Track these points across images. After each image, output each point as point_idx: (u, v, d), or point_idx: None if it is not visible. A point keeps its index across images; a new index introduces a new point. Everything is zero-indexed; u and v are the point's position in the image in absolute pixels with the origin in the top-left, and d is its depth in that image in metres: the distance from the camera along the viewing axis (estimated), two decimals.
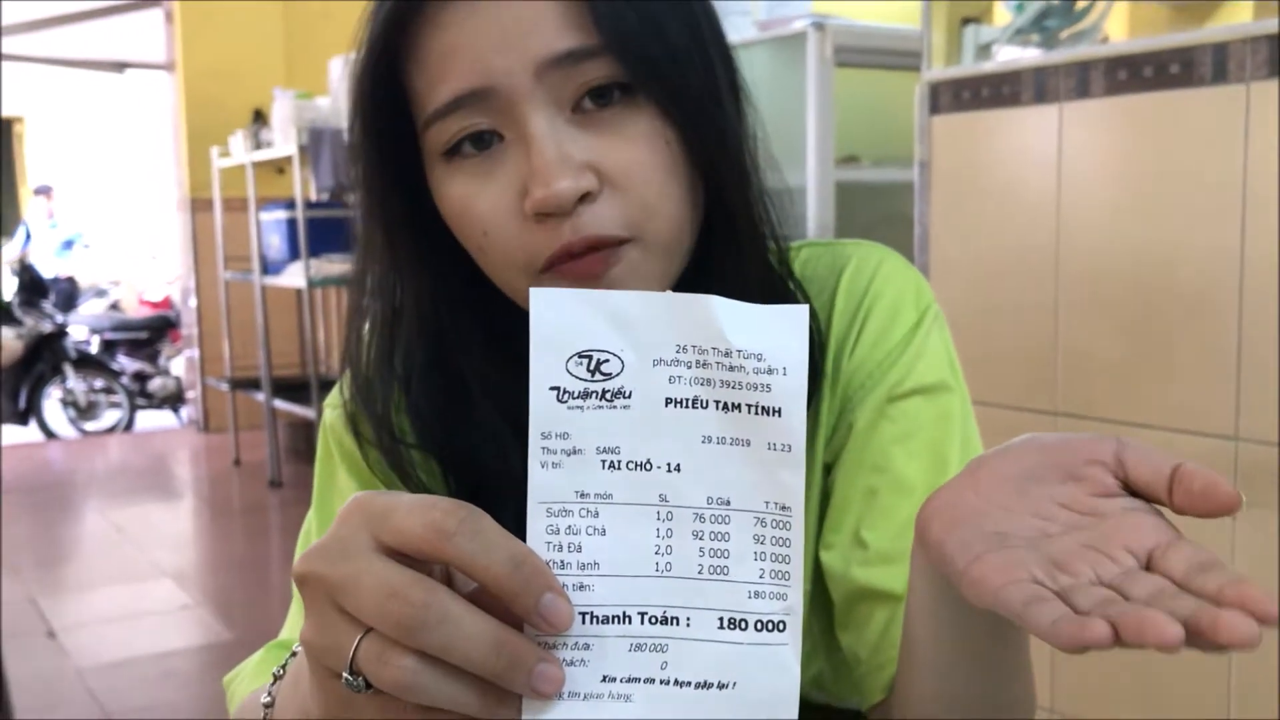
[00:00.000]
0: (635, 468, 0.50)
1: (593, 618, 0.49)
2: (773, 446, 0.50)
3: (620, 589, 0.50)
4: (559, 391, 0.49)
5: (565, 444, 0.50)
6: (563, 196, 0.67)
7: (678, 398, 0.50)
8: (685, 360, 0.50)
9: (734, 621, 0.50)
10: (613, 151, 0.69)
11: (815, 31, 2.92)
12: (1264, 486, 1.78)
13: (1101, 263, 1.99)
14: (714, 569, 0.50)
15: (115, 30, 8.29)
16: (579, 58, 0.68)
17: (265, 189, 5.87)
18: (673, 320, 0.50)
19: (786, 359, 0.50)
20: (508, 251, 0.71)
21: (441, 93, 0.69)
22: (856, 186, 3.21)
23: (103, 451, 7.00)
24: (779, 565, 0.50)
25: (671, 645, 0.50)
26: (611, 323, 0.50)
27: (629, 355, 0.50)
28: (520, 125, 0.69)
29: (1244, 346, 1.80)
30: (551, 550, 0.49)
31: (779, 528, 0.50)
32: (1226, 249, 1.81)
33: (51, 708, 3.10)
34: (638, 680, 0.50)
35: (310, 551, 0.50)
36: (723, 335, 0.49)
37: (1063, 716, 2.10)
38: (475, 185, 0.71)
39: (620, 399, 0.50)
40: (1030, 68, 2.07)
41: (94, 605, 4.03)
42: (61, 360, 7.45)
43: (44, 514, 5.35)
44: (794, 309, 0.50)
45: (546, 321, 0.49)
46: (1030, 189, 2.09)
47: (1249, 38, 1.75)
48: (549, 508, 0.50)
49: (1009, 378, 2.13)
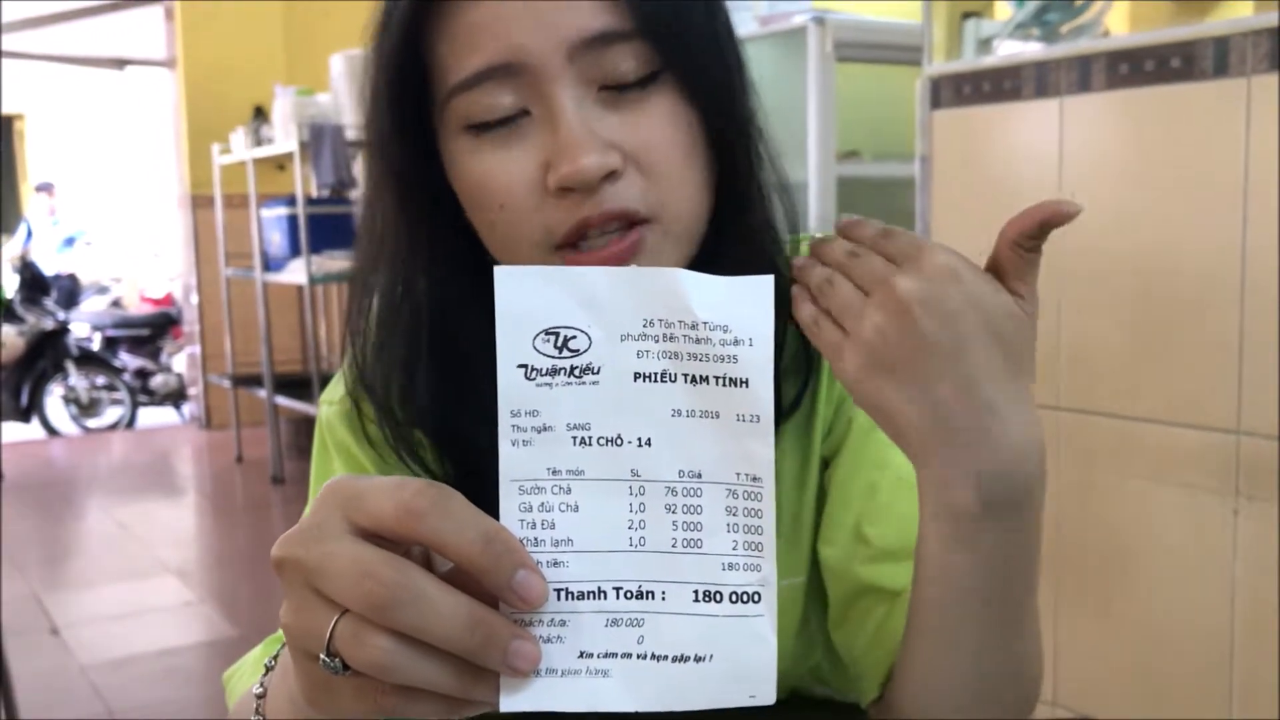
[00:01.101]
0: (606, 443, 0.50)
1: (568, 594, 0.49)
2: (741, 418, 0.50)
3: (594, 564, 0.50)
4: (527, 369, 0.49)
5: (535, 421, 0.50)
6: (590, 171, 0.67)
7: (646, 372, 0.50)
8: (652, 334, 0.50)
9: (709, 594, 0.50)
10: (638, 132, 0.70)
11: (816, 26, 2.92)
12: (1266, 480, 1.78)
13: (1103, 257, 1.99)
14: (687, 542, 0.50)
15: (116, 27, 8.28)
16: (611, 39, 0.69)
17: (266, 186, 5.87)
18: (639, 294, 0.50)
19: (753, 330, 0.50)
20: (524, 226, 0.71)
21: (469, 64, 0.69)
22: (858, 182, 3.21)
23: (105, 448, 7.00)
24: (752, 536, 0.50)
25: (647, 619, 0.50)
26: (578, 299, 0.50)
27: (596, 331, 0.50)
28: (548, 101, 0.69)
29: (1246, 340, 1.80)
30: (525, 528, 0.49)
31: (750, 499, 0.50)
32: (1228, 242, 1.81)
33: (55, 705, 3.10)
34: (615, 655, 0.50)
35: (287, 536, 0.50)
36: (689, 308, 0.49)
37: (1066, 709, 2.10)
38: (496, 158, 0.71)
39: (589, 375, 0.50)
40: (1031, 62, 2.06)
41: (97, 602, 4.04)
42: (63, 357, 7.45)
43: (46, 511, 5.35)
44: (759, 280, 0.50)
45: (511, 300, 0.49)
46: (1031, 183, 2.09)
47: (1250, 31, 1.75)
48: (520, 485, 0.49)
49: None
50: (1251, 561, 1.82)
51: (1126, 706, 2.01)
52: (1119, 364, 1.97)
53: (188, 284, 7.15)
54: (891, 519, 0.79)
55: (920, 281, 0.59)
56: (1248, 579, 1.83)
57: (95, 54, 9.53)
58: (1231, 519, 1.83)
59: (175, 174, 7.07)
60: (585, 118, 0.69)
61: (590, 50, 0.69)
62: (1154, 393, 1.92)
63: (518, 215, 0.71)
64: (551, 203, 0.70)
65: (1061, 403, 2.06)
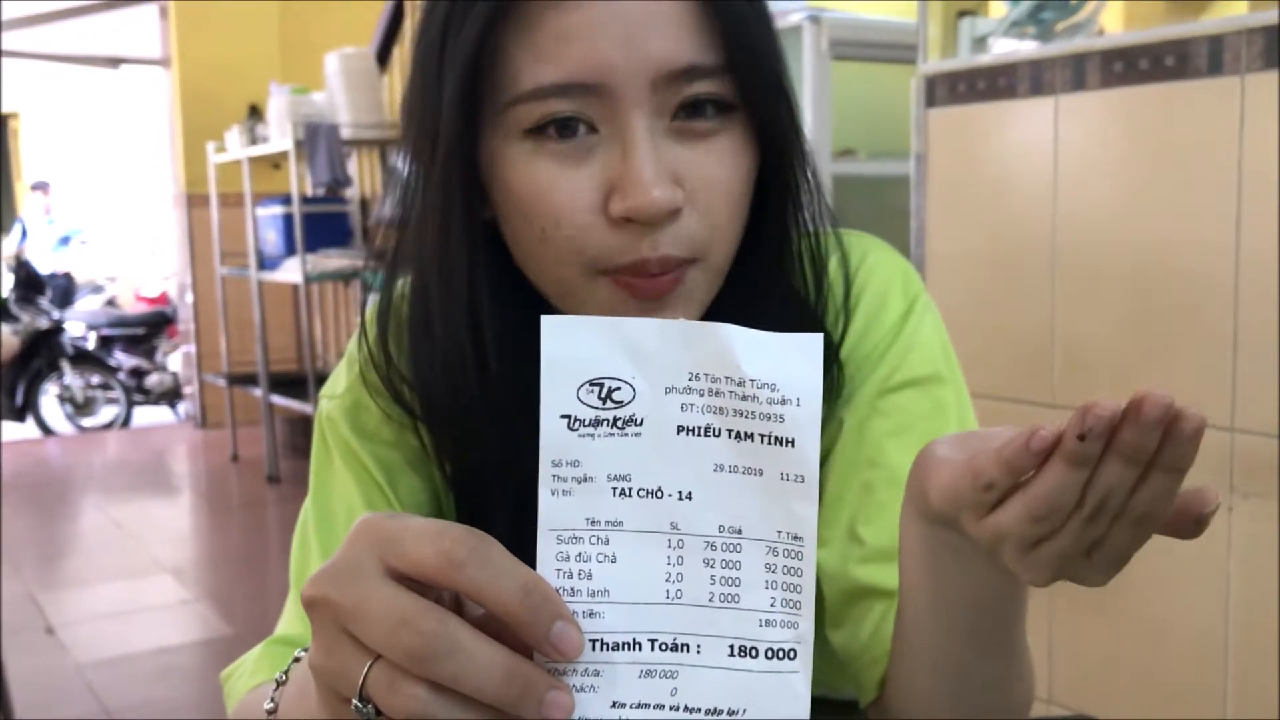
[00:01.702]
0: (646, 495, 0.49)
1: (603, 645, 0.49)
2: (785, 477, 0.49)
3: (630, 616, 0.49)
4: (570, 419, 0.49)
5: (576, 471, 0.49)
6: (656, 208, 0.66)
7: (689, 425, 0.49)
8: (698, 388, 0.49)
9: (745, 649, 0.50)
10: (700, 168, 0.69)
11: (811, 25, 2.92)
12: (1261, 477, 1.79)
13: (1098, 255, 1.99)
14: (725, 597, 0.50)
15: (110, 26, 8.27)
16: (699, 74, 0.67)
17: (261, 184, 5.87)
18: (686, 348, 0.49)
19: (800, 389, 0.49)
20: (576, 247, 0.69)
21: (547, 73, 0.67)
22: (853, 180, 3.21)
23: (100, 448, 6.99)
24: (790, 594, 0.50)
25: (681, 672, 0.50)
26: (624, 350, 0.49)
27: (640, 383, 0.49)
28: (622, 126, 0.67)
29: (1240, 337, 1.80)
30: (561, 577, 0.49)
31: (791, 557, 0.50)
32: (1222, 240, 1.81)
33: (51, 704, 3.10)
34: (647, 706, 0.49)
35: (319, 575, 0.50)
36: (736, 364, 0.49)
37: (1062, 706, 2.11)
38: (556, 172, 0.69)
39: (632, 426, 0.49)
40: (1026, 60, 2.07)
41: (93, 601, 4.03)
42: (58, 356, 7.44)
43: (42, 510, 5.35)
44: (808, 338, 0.49)
45: (558, 349, 0.49)
46: (1026, 181, 2.09)
47: (1244, 29, 1.76)
48: (559, 535, 0.49)
49: (1005, 370, 2.14)
50: (1246, 558, 1.82)
51: (1122, 703, 2.01)
52: (1114, 361, 1.98)
53: (183, 283, 7.14)
54: (886, 519, 0.78)
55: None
56: (1242, 575, 1.83)
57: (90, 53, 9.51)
58: (1226, 516, 1.83)
59: (170, 173, 7.06)
60: (657, 148, 0.67)
61: (675, 82, 0.67)
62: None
63: (573, 233, 0.69)
64: (608, 227, 0.68)
65: (1056, 400, 2.07)
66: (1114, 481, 0.47)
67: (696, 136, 0.69)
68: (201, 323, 6.90)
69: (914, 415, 0.81)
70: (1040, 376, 2.08)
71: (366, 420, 0.83)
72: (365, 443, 0.83)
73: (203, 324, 6.88)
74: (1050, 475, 0.48)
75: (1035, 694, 0.74)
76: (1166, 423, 0.46)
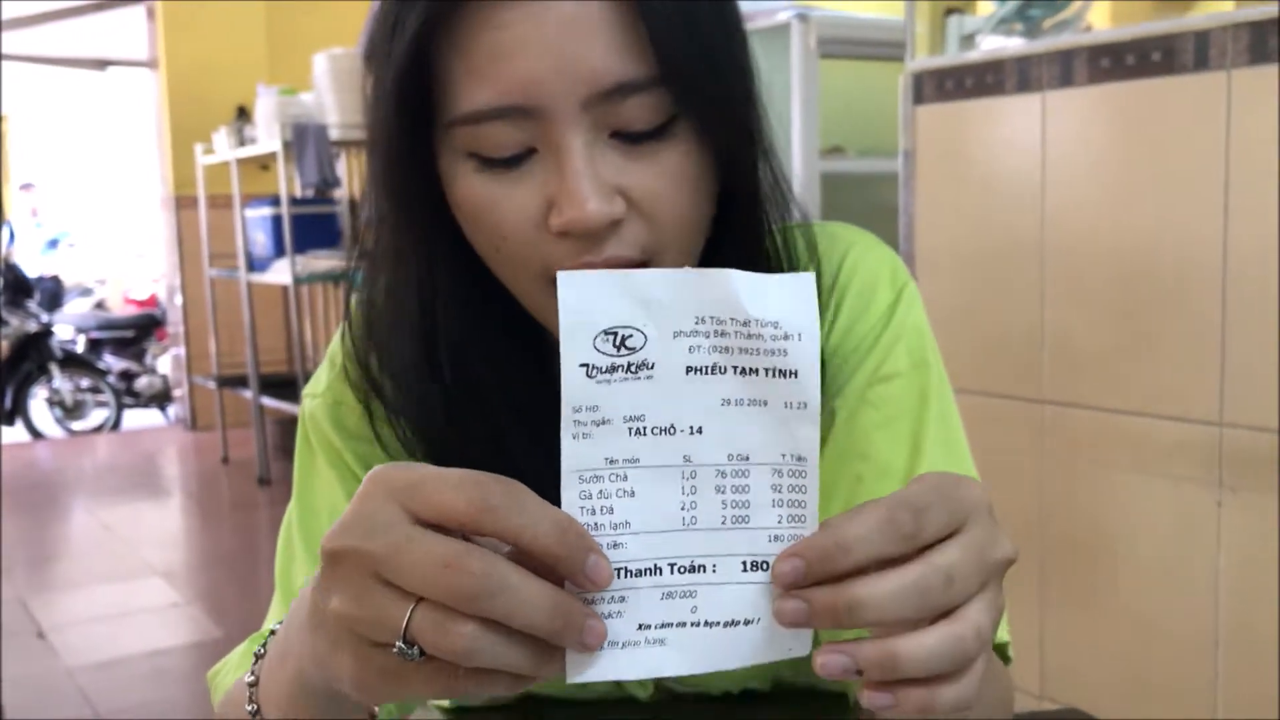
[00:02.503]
0: (659, 432, 0.53)
1: (627, 572, 0.53)
2: (789, 405, 0.53)
3: (650, 544, 0.53)
4: (588, 368, 0.52)
5: (594, 415, 0.52)
6: (592, 220, 0.67)
7: (697, 365, 0.53)
8: (704, 330, 0.53)
9: (756, 564, 0.53)
10: (646, 181, 0.69)
11: (799, 23, 2.92)
12: (1249, 471, 1.79)
13: (1086, 250, 1.99)
14: (736, 519, 0.53)
15: (97, 28, 8.25)
16: (630, 90, 0.67)
17: (250, 186, 5.86)
18: (692, 294, 0.52)
19: (800, 325, 0.53)
20: (525, 260, 0.70)
21: (481, 95, 0.67)
22: (841, 178, 3.22)
23: (90, 451, 6.98)
24: (796, 510, 0.54)
25: (700, 591, 0.53)
26: (635, 300, 0.52)
27: (651, 329, 0.52)
28: (556, 144, 0.67)
29: (1227, 332, 1.81)
30: (586, 514, 0.52)
31: (796, 477, 0.54)
32: (1209, 235, 1.82)
33: (42, 708, 3.09)
34: (670, 625, 0.53)
35: (339, 528, 0.51)
36: (741, 306, 0.52)
37: (1053, 700, 2.11)
38: (499, 191, 0.69)
39: (644, 370, 0.52)
40: (1013, 57, 2.07)
41: (83, 604, 4.02)
42: (47, 360, 7.42)
43: (32, 514, 5.33)
44: (801, 277, 0.53)
45: (574, 303, 0.52)
46: (1014, 178, 2.10)
47: (1230, 25, 1.76)
48: (580, 475, 0.52)
49: (994, 366, 2.14)
50: (1235, 552, 1.83)
51: (1113, 697, 2.02)
52: (1102, 357, 1.98)
53: (172, 285, 7.12)
54: None
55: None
56: (1231, 570, 1.84)
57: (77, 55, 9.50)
58: (1215, 510, 1.84)
59: (158, 175, 7.04)
60: (593, 160, 0.67)
61: (607, 100, 0.67)
62: (1137, 385, 1.93)
63: (518, 249, 0.70)
64: (551, 240, 0.69)
65: (1045, 396, 2.07)
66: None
67: (639, 149, 0.69)
68: (191, 325, 6.88)
69: (902, 406, 0.83)
70: (1029, 371, 2.09)
71: (348, 418, 0.83)
72: (347, 440, 0.83)
73: (192, 326, 6.87)
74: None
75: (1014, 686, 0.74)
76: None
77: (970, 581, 0.51)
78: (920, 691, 0.50)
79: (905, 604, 0.49)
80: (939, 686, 0.50)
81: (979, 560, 0.51)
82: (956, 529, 0.51)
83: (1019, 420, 2.11)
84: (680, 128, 0.69)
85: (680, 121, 0.69)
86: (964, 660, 0.50)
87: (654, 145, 0.69)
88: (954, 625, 0.50)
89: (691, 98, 0.68)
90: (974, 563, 0.51)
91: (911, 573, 0.49)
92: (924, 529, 0.50)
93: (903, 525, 0.50)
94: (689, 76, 0.68)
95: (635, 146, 0.69)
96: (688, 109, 0.69)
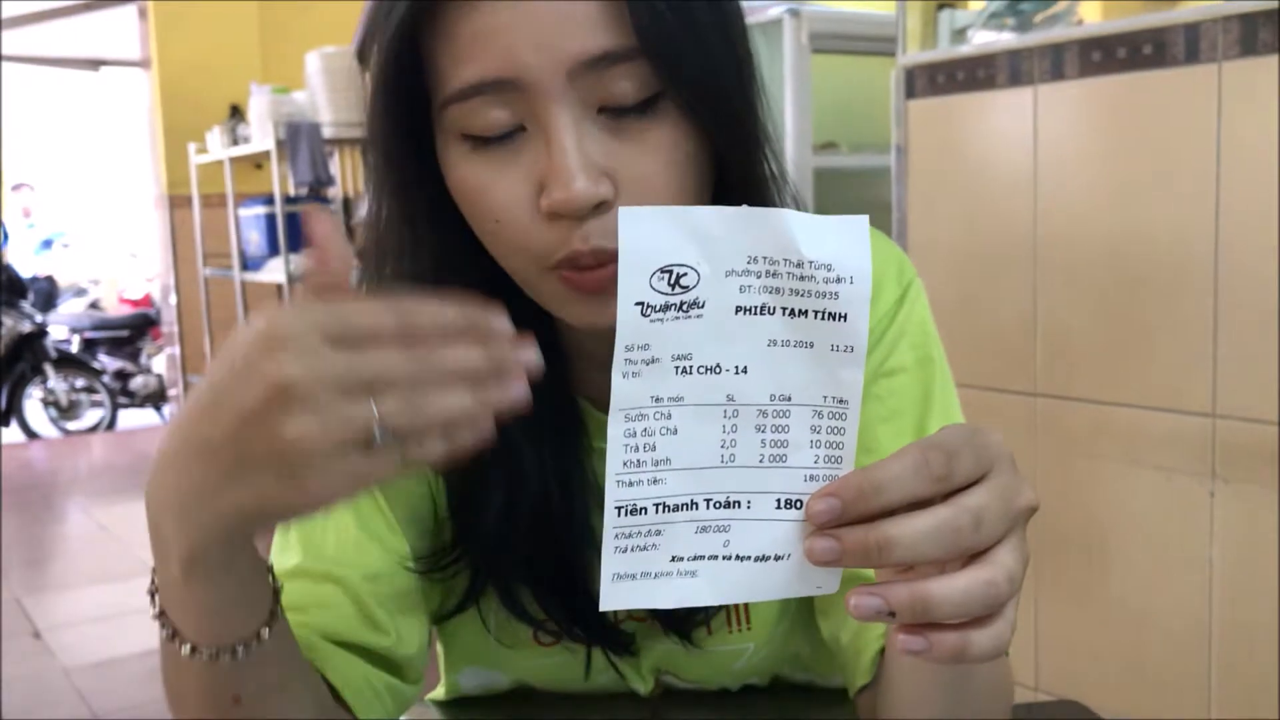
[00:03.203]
0: (705, 371, 0.53)
1: (664, 507, 0.53)
2: (835, 348, 0.53)
3: (689, 480, 0.53)
4: (643, 306, 0.52)
5: (645, 354, 0.52)
6: (579, 201, 0.67)
7: (747, 305, 0.53)
8: (756, 270, 0.52)
9: (790, 502, 0.54)
10: (633, 161, 0.69)
11: (791, 18, 2.92)
12: (1242, 462, 1.80)
13: (1078, 244, 2.00)
14: (774, 458, 0.54)
15: (90, 28, 8.24)
16: (612, 60, 0.67)
17: (243, 185, 5.85)
18: (748, 233, 0.52)
19: (854, 268, 0.53)
20: (518, 242, 0.71)
21: (466, 74, 0.68)
22: (834, 173, 3.22)
23: (85, 451, 6.97)
24: (833, 451, 0.54)
25: (734, 525, 0.54)
26: (690, 236, 0.52)
27: (704, 267, 0.52)
28: (544, 122, 0.68)
29: (1220, 324, 1.81)
30: (629, 451, 0.53)
31: (835, 418, 0.54)
32: (1201, 227, 1.82)
33: (38, 708, 3.09)
34: (702, 558, 0.54)
35: (261, 350, 0.50)
36: (796, 247, 0.52)
37: (1048, 693, 2.12)
38: (491, 173, 0.70)
39: (695, 309, 0.52)
40: (1005, 51, 2.07)
41: (79, 604, 4.02)
42: (42, 360, 7.41)
43: (27, 514, 5.33)
44: (856, 220, 0.53)
45: (633, 239, 0.52)
46: (1006, 171, 2.10)
47: (1221, 17, 1.77)
48: (627, 414, 0.53)
49: (988, 360, 2.15)
50: (1228, 543, 1.84)
51: (1107, 688, 2.03)
52: (1095, 350, 1.99)
53: (166, 285, 7.11)
54: None
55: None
56: (1224, 561, 1.84)
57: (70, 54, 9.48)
58: (1208, 501, 1.84)
59: (152, 174, 7.03)
60: (581, 141, 0.67)
61: (591, 71, 0.67)
62: (1130, 378, 1.94)
63: (512, 231, 0.70)
64: (543, 223, 0.69)
65: (1038, 389, 2.08)
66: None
67: (628, 127, 0.69)
68: (185, 324, 6.87)
69: (906, 400, 0.83)
70: (1022, 365, 2.09)
71: None
72: None
73: (187, 326, 6.86)
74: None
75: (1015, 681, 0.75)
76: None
77: (998, 525, 0.51)
78: (953, 636, 0.51)
79: (936, 543, 0.50)
80: (972, 630, 0.51)
81: (1005, 505, 0.51)
82: (983, 474, 0.52)
83: (1012, 413, 2.11)
84: (667, 106, 0.69)
85: (666, 100, 0.69)
86: (995, 603, 0.50)
87: (642, 124, 0.69)
88: (984, 568, 0.50)
89: (674, 72, 0.68)
90: (1000, 507, 0.51)
91: (942, 513, 0.50)
92: (955, 472, 0.51)
93: (935, 467, 0.50)
94: (670, 49, 0.68)
95: (623, 126, 0.69)
96: (673, 83, 0.69)
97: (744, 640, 0.88)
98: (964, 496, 0.51)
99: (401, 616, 0.81)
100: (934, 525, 0.50)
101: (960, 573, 0.50)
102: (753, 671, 0.92)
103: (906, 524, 0.50)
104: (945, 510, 0.50)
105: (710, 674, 0.91)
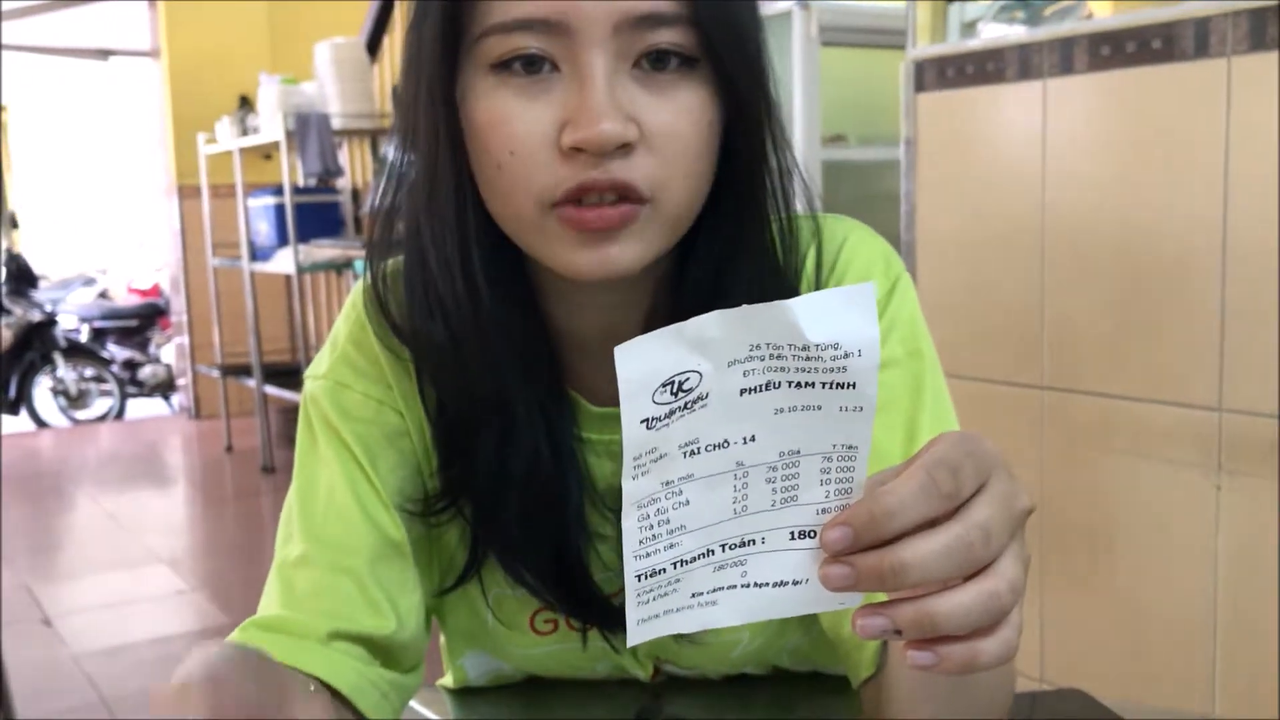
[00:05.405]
0: (713, 448, 0.53)
1: (682, 563, 0.54)
2: (844, 409, 0.52)
3: (703, 536, 0.54)
4: (648, 422, 0.52)
5: (652, 455, 0.52)
6: (606, 137, 0.68)
7: (751, 386, 0.52)
8: (758, 355, 0.51)
9: (803, 533, 0.54)
10: (661, 115, 0.71)
11: (801, 11, 2.93)
12: (1248, 456, 1.80)
13: (1086, 237, 2.00)
14: (785, 500, 0.54)
15: (99, 17, 8.25)
16: (658, 22, 0.69)
17: (252, 175, 5.86)
18: (749, 328, 0.51)
19: (860, 341, 0.51)
20: (528, 176, 0.71)
21: (514, 9, 0.69)
22: (843, 165, 3.22)
23: (94, 440, 6.99)
24: (844, 485, 0.54)
25: (750, 560, 0.55)
26: (690, 346, 0.51)
27: (706, 366, 0.51)
28: (581, 64, 0.69)
29: (1227, 318, 1.81)
30: (643, 531, 0.53)
31: (844, 460, 0.53)
32: (1209, 222, 1.82)
33: (49, 694, 3.11)
34: (721, 589, 0.55)
35: None
36: (800, 333, 0.51)
37: (1051, 683, 2.12)
38: (517, 104, 0.71)
39: (699, 403, 0.52)
40: (1014, 44, 2.08)
41: (89, 592, 4.04)
42: (51, 349, 7.43)
43: (37, 502, 5.35)
44: (861, 290, 0.51)
45: (631, 370, 0.51)
46: (1015, 165, 2.10)
47: (1230, 12, 1.77)
48: (639, 504, 0.53)
49: (995, 353, 2.15)
50: (1233, 536, 1.84)
51: (1112, 679, 2.03)
52: (1102, 342, 1.99)
53: (175, 275, 7.13)
54: None
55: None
56: (1230, 553, 1.85)
57: (79, 44, 9.49)
58: (1214, 494, 1.85)
59: (161, 164, 7.05)
60: (613, 87, 0.69)
61: (636, 28, 0.69)
62: (1137, 370, 1.94)
63: (524, 166, 0.71)
64: (559, 161, 0.70)
65: (1045, 381, 2.08)
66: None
67: (657, 85, 0.71)
68: (194, 314, 6.89)
69: (896, 394, 0.83)
70: (1030, 358, 2.10)
71: (348, 399, 0.85)
72: (346, 421, 0.84)
73: (195, 315, 6.88)
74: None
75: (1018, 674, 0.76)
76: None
77: (1003, 535, 0.51)
78: (961, 647, 0.51)
79: (948, 563, 0.50)
80: (979, 641, 0.51)
81: (1008, 513, 0.52)
82: (984, 483, 0.52)
83: (1019, 406, 2.11)
84: (701, 71, 0.71)
85: (699, 69, 0.71)
86: (1000, 613, 0.51)
87: (674, 82, 0.71)
88: (988, 579, 0.51)
89: (716, 42, 0.70)
90: (1004, 516, 0.52)
91: (954, 530, 0.50)
92: (961, 487, 0.51)
93: (943, 485, 0.50)
94: (719, 20, 0.70)
95: (655, 82, 0.71)
96: (710, 52, 0.71)
97: (738, 630, 0.89)
98: (971, 512, 0.51)
99: (402, 597, 0.82)
100: (945, 546, 0.50)
101: (964, 587, 0.51)
102: (749, 661, 0.93)
103: (919, 546, 0.50)
104: (956, 528, 0.50)
105: (707, 662, 0.92)
